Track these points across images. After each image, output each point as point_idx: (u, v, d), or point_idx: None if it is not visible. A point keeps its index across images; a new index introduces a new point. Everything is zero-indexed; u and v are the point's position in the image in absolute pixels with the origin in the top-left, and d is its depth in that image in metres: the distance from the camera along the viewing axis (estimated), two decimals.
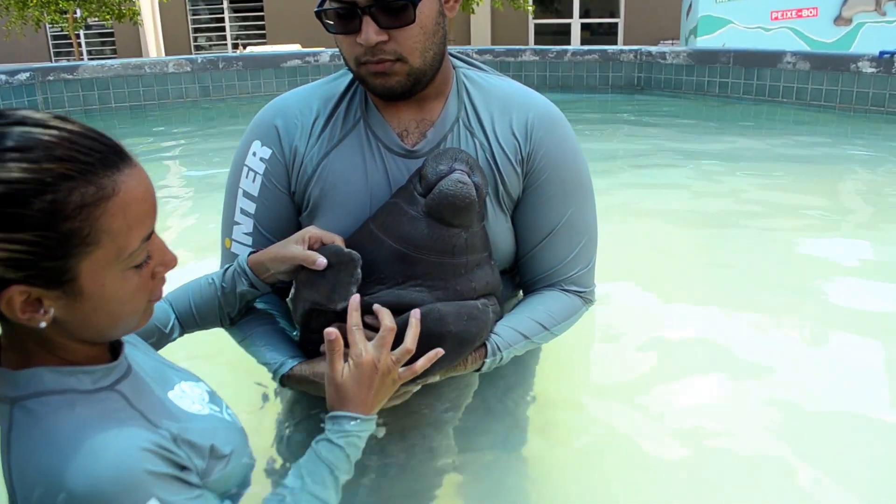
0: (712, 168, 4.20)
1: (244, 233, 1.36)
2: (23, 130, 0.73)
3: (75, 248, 0.76)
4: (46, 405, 0.80)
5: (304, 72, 7.19)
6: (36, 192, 0.72)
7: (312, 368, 1.21)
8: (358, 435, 1.06)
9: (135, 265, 0.82)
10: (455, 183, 1.17)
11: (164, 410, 0.90)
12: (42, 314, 0.78)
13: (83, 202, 0.74)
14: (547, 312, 1.36)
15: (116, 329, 0.86)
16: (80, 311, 0.80)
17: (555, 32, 14.73)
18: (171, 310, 1.25)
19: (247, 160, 1.35)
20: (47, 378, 0.82)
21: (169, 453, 0.83)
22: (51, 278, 0.76)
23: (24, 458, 0.79)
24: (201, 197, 3.70)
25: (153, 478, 0.79)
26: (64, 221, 0.74)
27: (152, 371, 0.96)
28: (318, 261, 1.16)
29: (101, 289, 0.80)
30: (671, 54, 6.77)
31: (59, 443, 0.78)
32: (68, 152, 0.74)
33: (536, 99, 1.37)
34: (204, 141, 5.45)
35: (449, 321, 1.16)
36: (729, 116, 5.92)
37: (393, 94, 1.24)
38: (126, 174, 0.78)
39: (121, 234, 0.78)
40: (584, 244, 1.39)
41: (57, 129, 0.75)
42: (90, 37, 15.53)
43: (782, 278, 2.40)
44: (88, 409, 0.82)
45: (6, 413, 0.81)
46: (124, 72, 6.76)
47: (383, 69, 1.20)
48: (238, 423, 1.02)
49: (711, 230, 2.99)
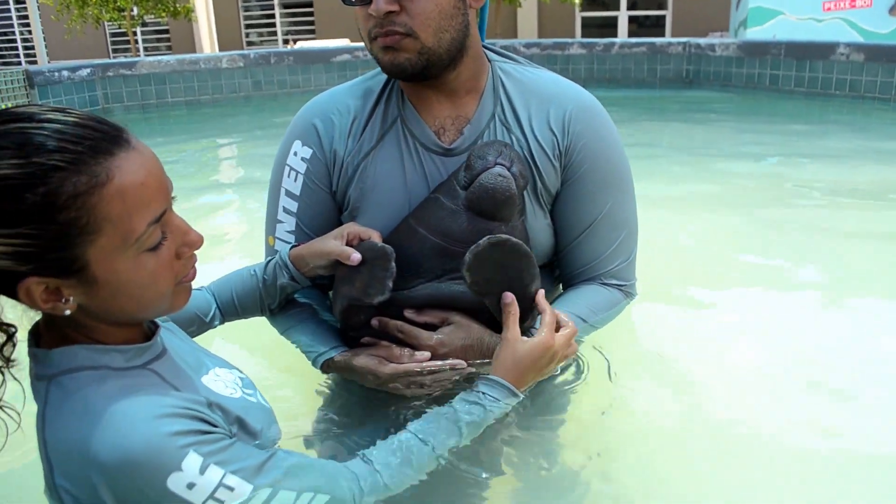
0: (762, 162, 4.15)
1: (287, 231, 1.38)
2: (17, 127, 0.75)
3: (77, 238, 0.77)
4: (78, 380, 0.82)
5: (353, 66, 7.27)
6: (27, 186, 0.73)
7: (354, 358, 1.24)
8: (504, 406, 1.11)
9: (149, 248, 0.82)
10: (495, 176, 1.17)
11: (198, 389, 0.92)
12: (63, 303, 0.80)
13: (76, 191, 0.75)
14: (587, 306, 1.36)
15: (146, 311, 0.88)
16: (100, 296, 0.82)
17: (601, 25, 14.59)
18: (214, 299, 1.29)
19: (288, 160, 1.37)
20: (81, 355, 0.84)
21: (200, 413, 0.85)
22: (61, 268, 0.78)
23: (57, 432, 0.81)
24: (250, 190, 3.77)
25: (183, 437, 0.80)
26: (59, 212, 0.75)
27: (187, 356, 0.97)
28: (352, 256, 1.18)
29: (116, 274, 0.81)
30: (720, 46, 6.69)
31: (88, 415, 0.79)
32: (59, 144, 0.75)
33: (575, 91, 1.36)
34: (255, 135, 5.55)
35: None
36: (780, 109, 5.82)
37: (404, 74, 1.23)
38: (121, 159, 0.78)
39: (122, 219, 0.78)
40: (623, 237, 1.38)
41: (51, 121, 0.76)
42: (146, 34, 15.89)
43: (836, 274, 2.37)
44: (118, 382, 0.83)
45: (42, 390, 0.83)
46: (180, 67, 6.92)
47: (392, 42, 1.19)
48: (269, 407, 1.04)
49: (759, 226, 2.95)
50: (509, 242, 1.16)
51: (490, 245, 1.15)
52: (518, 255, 1.17)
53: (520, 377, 1.13)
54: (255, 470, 0.86)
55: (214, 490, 0.81)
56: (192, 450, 0.80)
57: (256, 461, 0.87)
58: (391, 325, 1.22)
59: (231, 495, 0.83)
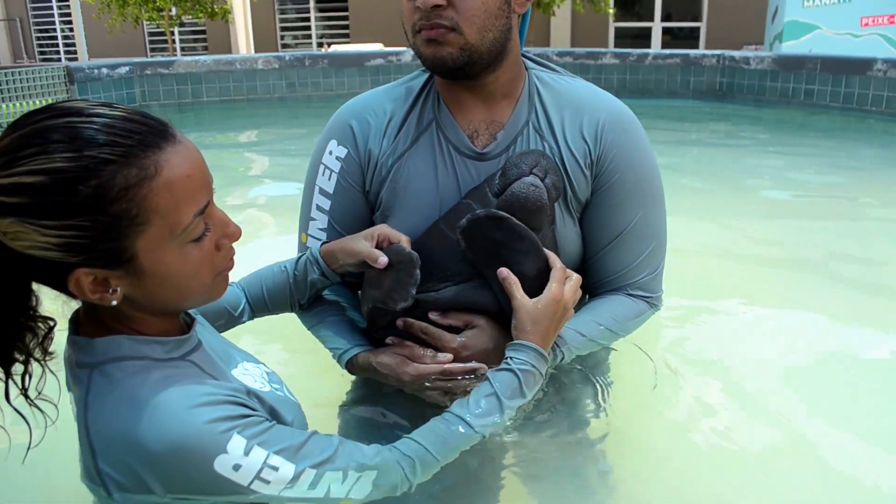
0: (795, 177, 4.12)
1: (319, 228, 1.40)
2: (66, 122, 0.77)
3: (127, 229, 0.79)
4: (123, 369, 0.85)
5: (387, 70, 7.32)
6: (80, 179, 0.75)
7: (377, 357, 1.25)
8: (538, 369, 1.12)
9: (193, 239, 0.84)
10: (528, 186, 1.18)
11: (233, 380, 0.95)
12: (111, 293, 0.82)
13: (127, 184, 0.77)
14: (611, 315, 1.36)
15: (187, 301, 0.90)
16: (146, 287, 0.84)
17: (635, 36, 14.53)
18: (243, 294, 1.30)
19: (323, 158, 1.39)
20: (125, 345, 0.86)
21: (241, 399, 0.88)
22: (111, 259, 0.80)
23: (102, 419, 0.83)
24: (281, 190, 3.83)
25: (226, 421, 0.83)
26: (111, 204, 0.77)
27: (218, 349, 1.00)
28: (379, 259, 1.19)
29: (162, 265, 0.83)
30: (755, 59, 6.63)
31: (135, 405, 0.81)
32: (109, 137, 0.77)
33: (608, 100, 1.37)
34: (288, 135, 5.62)
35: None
36: (814, 124, 5.75)
37: (444, 68, 1.23)
38: (168, 152, 0.80)
39: (170, 211, 0.81)
40: (652, 248, 1.38)
41: (99, 116, 0.78)
42: (184, 34, 16.13)
43: (869, 291, 2.35)
44: (162, 373, 0.86)
45: (84, 378, 0.85)
46: (216, 67, 7.01)
47: (436, 35, 1.19)
48: (296, 401, 1.06)
49: (788, 242, 2.94)
50: (509, 220, 1.18)
51: (487, 218, 1.18)
52: (516, 235, 1.19)
53: (542, 336, 1.15)
54: (297, 450, 0.88)
55: (260, 470, 0.84)
56: (235, 432, 0.83)
57: (297, 441, 0.89)
58: (416, 326, 1.23)
59: (276, 475, 0.85)
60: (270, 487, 0.86)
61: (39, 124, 0.77)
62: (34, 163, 0.75)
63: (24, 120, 0.78)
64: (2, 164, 0.76)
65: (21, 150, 0.75)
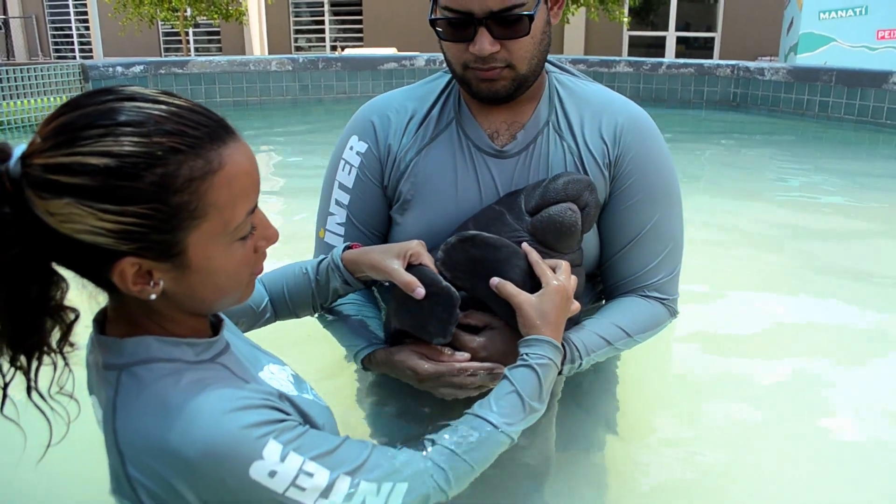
0: (806, 188, 4.11)
1: (337, 223, 1.41)
2: (133, 105, 0.75)
3: (184, 221, 0.77)
4: (154, 371, 0.82)
5: (400, 74, 7.34)
6: (147, 166, 0.73)
7: (395, 354, 1.24)
8: (554, 361, 1.11)
9: (240, 238, 0.83)
10: (565, 210, 1.20)
11: (262, 383, 0.92)
12: (152, 286, 0.80)
13: (192, 175, 0.76)
14: (629, 319, 1.35)
15: (221, 301, 0.88)
16: (189, 283, 0.82)
17: (649, 45, 14.52)
18: (265, 291, 1.27)
19: (344, 154, 1.40)
20: (154, 346, 0.84)
21: (274, 403, 0.85)
22: (161, 251, 0.77)
23: (131, 423, 0.80)
24: (293, 191, 3.82)
25: (262, 427, 0.80)
26: (174, 195, 0.75)
27: (245, 351, 0.97)
28: (417, 290, 1.14)
29: (209, 261, 0.81)
30: (770, 70, 6.62)
31: (166, 409, 0.79)
32: (177, 126, 0.75)
33: (627, 104, 1.38)
34: (301, 138, 5.64)
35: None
36: (828, 137, 5.73)
37: (496, 98, 1.27)
38: (232, 148, 0.80)
39: (227, 206, 0.79)
40: (669, 251, 1.38)
41: (166, 104, 0.77)
42: (198, 34, 16.21)
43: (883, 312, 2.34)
44: (194, 376, 0.83)
45: (113, 379, 0.82)
46: (230, 68, 7.04)
47: (493, 76, 1.23)
48: (325, 404, 1.03)
49: (796, 255, 2.94)
50: (479, 237, 1.19)
51: (459, 241, 1.19)
52: (491, 247, 1.19)
53: (552, 328, 1.13)
54: (332, 456, 0.86)
55: (296, 477, 0.81)
56: (271, 438, 0.80)
57: (332, 445, 0.87)
58: None
59: (311, 482, 0.82)
60: (306, 495, 0.82)
61: (105, 105, 0.75)
62: (100, 144, 0.72)
63: (85, 99, 0.76)
64: (61, 141, 0.73)
65: (85, 129, 0.73)
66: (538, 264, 1.19)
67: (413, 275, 1.16)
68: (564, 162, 1.32)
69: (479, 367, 1.19)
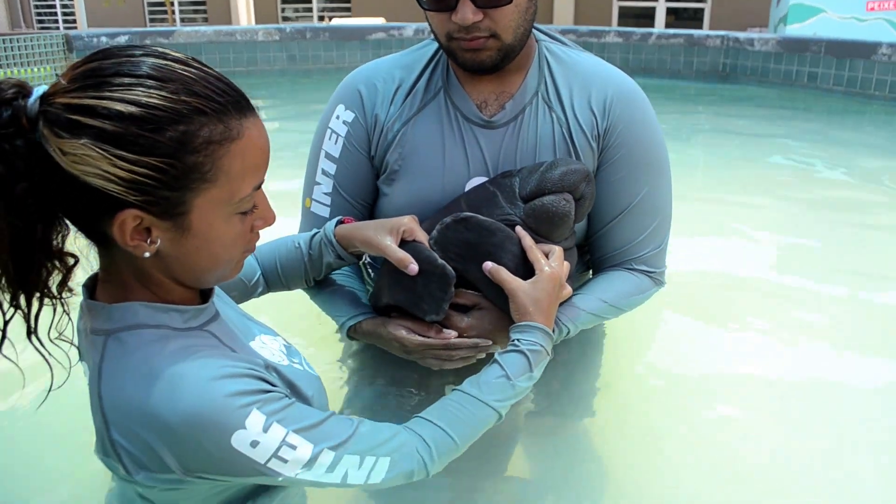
0: (794, 160, 4.11)
1: (324, 192, 1.40)
2: (163, 63, 0.77)
3: (194, 182, 0.78)
4: (140, 337, 0.83)
5: (388, 45, 7.26)
6: (171, 121, 0.75)
7: (382, 326, 1.25)
8: (545, 348, 1.12)
9: (242, 211, 0.84)
10: (559, 200, 1.20)
11: (252, 353, 0.93)
12: (149, 244, 0.80)
13: (211, 138, 0.77)
14: (615, 291, 1.36)
15: (212, 274, 0.88)
16: (185, 247, 0.82)
17: (638, 15, 14.40)
18: (258, 264, 1.27)
19: (330, 123, 1.39)
20: (142, 312, 0.84)
21: (260, 373, 0.86)
22: (166, 208, 0.78)
23: (116, 388, 0.81)
24: (279, 163, 3.79)
25: (246, 396, 0.81)
26: (190, 154, 0.76)
27: (236, 321, 0.98)
28: (410, 267, 1.16)
29: (209, 228, 0.82)
30: (759, 41, 6.59)
31: (150, 375, 0.79)
32: (205, 90, 0.77)
33: (617, 75, 1.37)
34: (288, 109, 5.57)
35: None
36: (817, 107, 5.72)
37: (482, 69, 1.26)
38: (251, 122, 0.82)
39: (237, 177, 0.81)
40: (657, 224, 1.38)
41: (195, 68, 0.79)
42: (183, 4, 15.94)
43: (870, 276, 2.36)
44: (180, 343, 0.84)
45: (100, 345, 0.83)
46: (216, 38, 6.95)
47: (477, 45, 1.21)
48: (315, 374, 1.04)
49: (788, 222, 2.95)
50: (474, 219, 1.19)
51: (454, 222, 1.19)
52: (485, 231, 1.19)
53: (545, 315, 1.15)
54: (317, 430, 0.87)
55: (278, 448, 0.82)
56: (255, 408, 0.81)
57: (316, 420, 0.87)
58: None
59: (294, 454, 0.83)
60: (288, 467, 0.84)
61: (136, 58, 0.76)
62: (129, 91, 0.74)
63: (118, 50, 0.77)
64: (89, 84, 0.74)
65: (115, 76, 0.74)
66: (532, 250, 1.19)
67: (407, 251, 1.16)
68: (553, 133, 1.31)
69: (466, 343, 1.20)
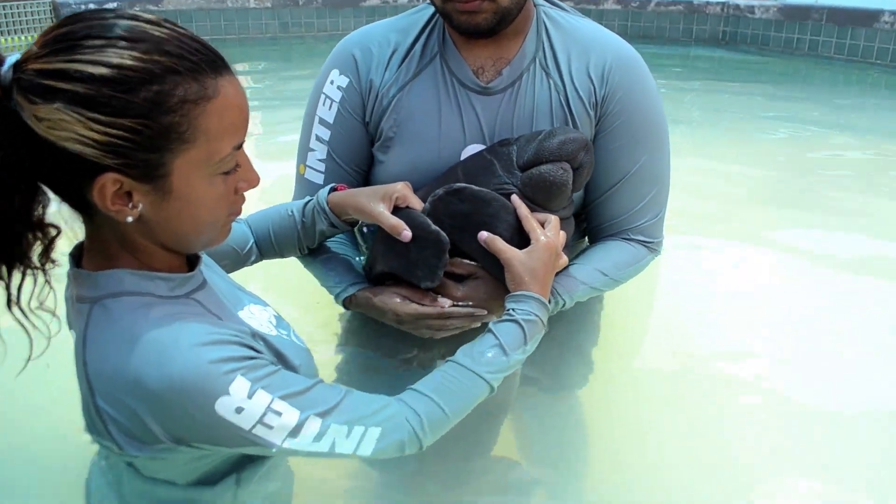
0: (794, 128, 4.08)
1: (318, 159, 1.38)
2: (135, 24, 0.76)
3: (172, 143, 0.77)
4: (124, 304, 0.83)
5: (383, 12, 7.15)
6: (143, 81, 0.74)
7: (377, 295, 1.24)
8: (541, 318, 1.11)
9: (223, 171, 0.83)
10: (557, 169, 1.18)
11: (239, 321, 0.93)
12: (130, 208, 0.80)
13: (185, 98, 0.76)
14: (612, 261, 1.35)
15: (198, 238, 0.88)
16: (167, 210, 0.82)
17: None
18: (251, 232, 1.27)
19: (325, 88, 1.37)
20: (127, 280, 0.84)
21: (245, 340, 0.86)
22: (145, 171, 0.78)
23: (100, 355, 0.81)
24: (273, 131, 3.75)
25: (230, 362, 0.81)
26: (166, 114, 0.75)
27: (225, 290, 0.98)
28: (403, 233, 1.15)
29: (190, 189, 0.81)
30: (760, 8, 6.51)
31: (134, 341, 0.80)
32: (178, 49, 0.77)
33: (617, 42, 1.34)
34: (281, 76, 5.53)
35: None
36: (818, 76, 5.70)
37: (478, 32, 1.23)
38: (227, 80, 0.81)
39: (216, 136, 0.80)
40: (654, 194, 1.37)
41: (167, 28, 0.78)
42: None
43: (865, 248, 2.35)
44: (164, 310, 0.84)
45: (85, 312, 0.83)
46: (207, 5, 6.84)
47: (472, 7, 1.19)
48: (305, 347, 1.04)
49: (784, 194, 2.94)
50: (468, 190, 1.17)
51: (447, 194, 1.17)
52: (480, 201, 1.17)
53: (540, 285, 1.13)
54: (303, 397, 0.86)
55: (263, 414, 0.82)
56: (239, 374, 0.81)
57: (302, 386, 0.87)
58: None
59: (279, 421, 0.83)
60: (273, 434, 0.83)
61: (107, 21, 0.76)
62: (100, 54, 0.73)
63: (89, 14, 0.77)
64: (60, 48, 0.74)
65: (86, 39, 0.74)
66: (527, 219, 1.17)
67: (400, 218, 1.15)
68: (550, 100, 1.29)
69: (461, 312, 1.19)
